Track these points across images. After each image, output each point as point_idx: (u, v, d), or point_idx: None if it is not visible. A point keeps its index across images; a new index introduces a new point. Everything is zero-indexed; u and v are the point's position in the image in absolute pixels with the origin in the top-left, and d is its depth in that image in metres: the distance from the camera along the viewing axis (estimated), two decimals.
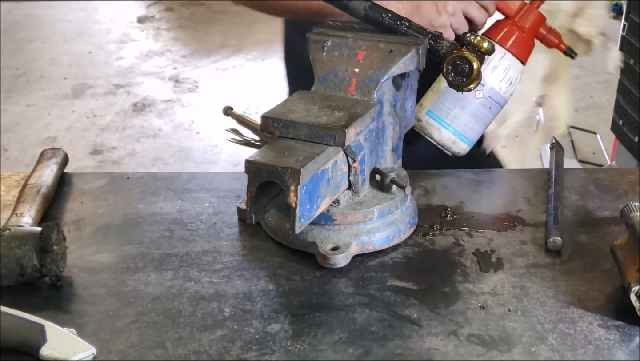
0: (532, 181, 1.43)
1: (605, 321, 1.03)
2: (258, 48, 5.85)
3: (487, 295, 1.09)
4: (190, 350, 0.97)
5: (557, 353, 0.98)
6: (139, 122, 4.66)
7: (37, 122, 4.66)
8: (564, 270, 1.16)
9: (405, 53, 1.18)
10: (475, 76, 1.17)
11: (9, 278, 1.07)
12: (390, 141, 1.25)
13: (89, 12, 6.80)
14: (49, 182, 1.32)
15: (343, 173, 1.14)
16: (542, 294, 1.09)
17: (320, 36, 1.24)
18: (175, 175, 1.45)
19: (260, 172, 1.03)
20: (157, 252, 1.19)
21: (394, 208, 1.21)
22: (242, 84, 5.23)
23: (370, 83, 1.18)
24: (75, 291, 1.10)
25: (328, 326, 1.02)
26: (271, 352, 0.97)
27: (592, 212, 1.33)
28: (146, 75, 5.41)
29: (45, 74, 5.43)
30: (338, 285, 1.11)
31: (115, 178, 1.43)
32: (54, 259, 1.07)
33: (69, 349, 0.93)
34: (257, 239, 1.23)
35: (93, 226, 1.27)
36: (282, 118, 1.11)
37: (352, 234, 1.17)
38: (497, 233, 1.25)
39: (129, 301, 1.07)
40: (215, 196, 1.36)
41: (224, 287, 1.10)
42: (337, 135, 1.08)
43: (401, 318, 1.04)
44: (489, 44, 1.18)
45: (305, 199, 1.03)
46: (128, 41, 6.11)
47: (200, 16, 6.69)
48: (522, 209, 1.32)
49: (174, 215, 1.30)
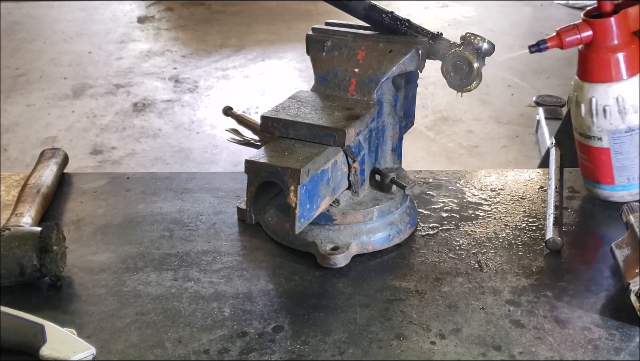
0: (532, 181, 1.43)
1: (605, 321, 1.03)
2: (258, 48, 5.84)
3: (487, 295, 1.09)
4: (190, 350, 0.97)
5: (557, 353, 0.98)
6: (139, 122, 4.66)
7: (37, 122, 4.66)
8: (564, 270, 1.15)
9: (405, 53, 1.18)
10: (475, 76, 1.17)
11: (9, 278, 1.07)
12: (390, 141, 1.25)
13: (89, 12, 6.79)
14: (48, 182, 1.32)
15: (343, 173, 1.14)
16: (542, 295, 1.09)
17: (320, 36, 1.24)
18: (175, 175, 1.45)
19: (260, 172, 1.03)
20: (157, 252, 1.19)
21: (394, 208, 1.21)
22: (242, 84, 5.22)
23: (370, 83, 1.18)
24: (75, 291, 1.10)
25: (328, 326, 1.02)
26: (271, 352, 0.97)
27: (592, 212, 1.33)
28: (146, 75, 5.41)
29: (45, 74, 5.43)
30: (338, 285, 1.11)
31: (115, 178, 1.43)
32: (53, 259, 1.07)
33: (68, 349, 0.93)
34: (257, 239, 1.22)
35: (93, 226, 1.27)
36: (282, 118, 1.11)
37: (351, 234, 1.17)
38: (498, 234, 1.25)
39: (128, 301, 1.07)
40: (215, 196, 1.36)
41: (224, 287, 1.10)
42: (337, 135, 1.08)
43: (401, 318, 1.04)
44: (489, 44, 1.18)
45: (305, 199, 1.03)
46: (128, 41, 6.10)
47: (200, 16, 6.68)
48: (522, 210, 1.32)
49: (174, 215, 1.30)
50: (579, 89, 1.29)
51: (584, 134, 1.30)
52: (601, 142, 1.28)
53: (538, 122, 4.06)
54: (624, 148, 1.27)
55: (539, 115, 4.05)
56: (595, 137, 1.28)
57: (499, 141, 4.24)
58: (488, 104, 4.64)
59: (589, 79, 1.27)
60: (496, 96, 4.73)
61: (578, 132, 1.32)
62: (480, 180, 1.43)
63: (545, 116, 3.95)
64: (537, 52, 1.25)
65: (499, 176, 1.44)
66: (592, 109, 1.26)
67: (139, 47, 5.99)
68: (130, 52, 5.89)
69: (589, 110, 1.26)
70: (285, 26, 6.12)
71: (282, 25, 6.15)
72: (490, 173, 1.46)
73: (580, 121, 1.30)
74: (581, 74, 1.28)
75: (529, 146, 4.14)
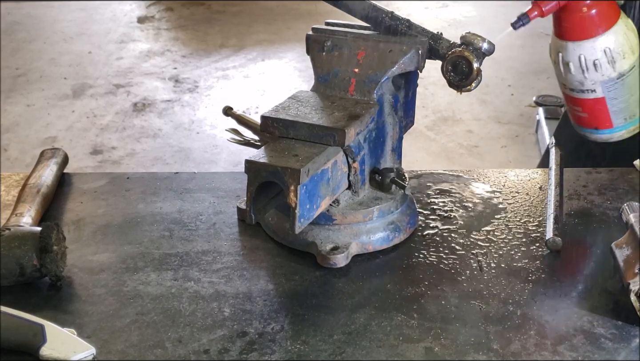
0: (532, 181, 1.43)
1: (605, 321, 1.03)
2: (258, 48, 5.84)
3: (488, 295, 1.09)
4: (190, 350, 0.97)
5: (557, 353, 0.98)
6: (139, 122, 4.66)
7: (37, 122, 4.66)
8: (564, 270, 1.15)
9: (405, 53, 1.18)
10: (475, 76, 1.17)
11: (9, 278, 1.07)
12: (390, 141, 1.25)
13: (89, 12, 6.79)
14: (48, 182, 1.32)
15: (343, 173, 1.14)
16: (542, 295, 1.09)
17: (320, 36, 1.24)
18: (175, 175, 1.45)
19: (260, 172, 1.03)
20: (157, 252, 1.19)
21: (393, 208, 1.21)
22: (242, 84, 5.22)
23: (370, 83, 1.18)
24: (75, 291, 1.10)
25: (328, 326, 1.02)
26: (271, 352, 0.97)
27: (592, 212, 1.33)
28: (146, 75, 5.40)
29: (45, 74, 5.43)
30: (338, 285, 1.11)
31: (115, 178, 1.43)
32: (53, 259, 1.07)
33: (68, 349, 0.93)
34: (257, 239, 1.22)
35: (93, 226, 1.27)
36: (282, 118, 1.11)
37: (351, 234, 1.17)
38: (497, 234, 1.25)
39: (128, 301, 1.07)
40: (215, 196, 1.36)
41: (224, 287, 1.10)
42: (337, 135, 1.08)
43: (400, 318, 1.04)
44: (489, 44, 1.18)
45: (305, 199, 1.03)
46: (128, 41, 6.10)
47: (200, 16, 6.68)
48: (522, 209, 1.32)
49: (174, 215, 1.30)
50: (563, 49, 1.30)
51: (575, 89, 1.32)
52: (595, 94, 1.30)
53: (538, 122, 4.07)
54: (618, 93, 1.30)
55: (539, 115, 4.05)
56: (589, 90, 1.31)
57: (499, 141, 4.24)
58: (488, 104, 4.64)
59: (572, 38, 1.28)
60: (496, 96, 4.73)
61: (568, 88, 1.34)
62: (480, 180, 1.43)
63: (545, 116, 3.95)
64: (521, 27, 1.26)
65: (499, 176, 1.44)
66: (582, 66, 1.28)
67: (139, 47, 5.99)
68: (130, 52, 5.88)
69: (579, 67, 1.28)
70: (285, 26, 6.12)
71: (282, 25, 6.15)
72: (490, 173, 1.46)
73: (569, 78, 1.31)
74: (563, 34, 1.30)
75: (529, 146, 4.14)
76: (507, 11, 6.40)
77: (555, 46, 1.32)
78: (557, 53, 1.31)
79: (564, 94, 1.36)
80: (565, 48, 1.29)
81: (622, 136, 1.35)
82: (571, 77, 1.31)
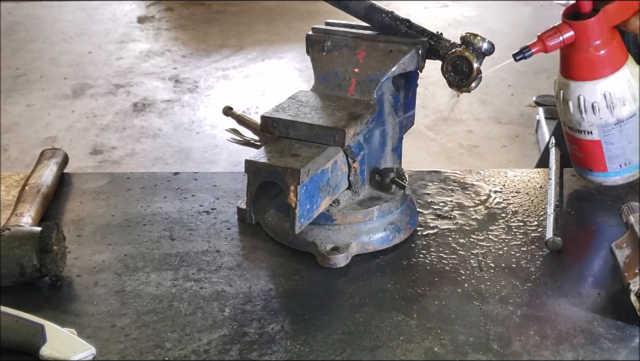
0: (532, 180, 1.43)
1: (606, 321, 1.03)
2: (258, 48, 5.84)
3: (488, 295, 1.09)
4: (190, 350, 0.97)
5: (557, 353, 0.98)
6: (139, 122, 4.66)
7: (37, 122, 4.66)
8: (564, 270, 1.16)
9: (405, 53, 1.18)
10: (475, 76, 1.17)
11: (9, 278, 1.07)
12: (390, 141, 1.25)
13: (89, 12, 6.79)
14: (48, 182, 1.32)
15: (343, 173, 1.14)
16: (542, 295, 1.09)
17: (320, 36, 1.24)
18: (175, 175, 1.45)
19: (260, 172, 1.03)
20: (157, 252, 1.19)
21: (393, 208, 1.21)
22: (242, 84, 5.22)
23: (370, 83, 1.18)
24: (75, 291, 1.10)
25: (328, 326, 1.02)
26: (271, 352, 0.97)
27: (592, 212, 1.33)
28: (146, 75, 5.40)
29: (45, 74, 5.43)
30: (338, 285, 1.11)
31: (115, 178, 1.43)
32: (53, 259, 1.07)
33: (68, 349, 0.93)
34: (257, 239, 1.22)
35: (93, 226, 1.27)
36: (282, 118, 1.11)
37: (351, 234, 1.17)
38: (497, 233, 1.25)
39: (128, 301, 1.07)
40: (215, 196, 1.36)
41: (224, 287, 1.10)
42: (337, 135, 1.08)
43: (401, 318, 1.04)
44: (489, 44, 1.18)
45: (305, 199, 1.03)
46: (128, 41, 6.10)
47: (200, 16, 6.68)
48: (522, 209, 1.32)
49: (174, 215, 1.30)
50: (565, 86, 1.29)
51: (573, 128, 1.31)
52: (592, 136, 1.30)
53: (538, 122, 4.07)
54: (614, 139, 1.29)
55: (539, 115, 4.05)
56: (586, 132, 1.30)
57: (498, 141, 4.24)
58: (488, 104, 4.64)
59: (574, 77, 1.28)
60: (496, 96, 4.73)
61: (567, 126, 1.33)
62: (480, 180, 1.43)
63: (545, 116, 3.96)
64: (522, 60, 1.25)
65: (499, 175, 1.44)
66: (581, 106, 1.27)
67: (139, 47, 5.99)
68: (130, 52, 5.88)
69: (578, 107, 1.28)
70: (285, 26, 6.12)
71: (282, 25, 6.15)
72: (490, 173, 1.46)
73: (569, 116, 1.31)
74: (566, 73, 1.29)
75: (529, 146, 4.14)
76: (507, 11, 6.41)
77: (559, 82, 1.32)
78: (559, 89, 1.31)
79: (564, 130, 1.36)
80: (567, 86, 1.29)
81: (615, 182, 1.34)
82: (570, 115, 1.30)
